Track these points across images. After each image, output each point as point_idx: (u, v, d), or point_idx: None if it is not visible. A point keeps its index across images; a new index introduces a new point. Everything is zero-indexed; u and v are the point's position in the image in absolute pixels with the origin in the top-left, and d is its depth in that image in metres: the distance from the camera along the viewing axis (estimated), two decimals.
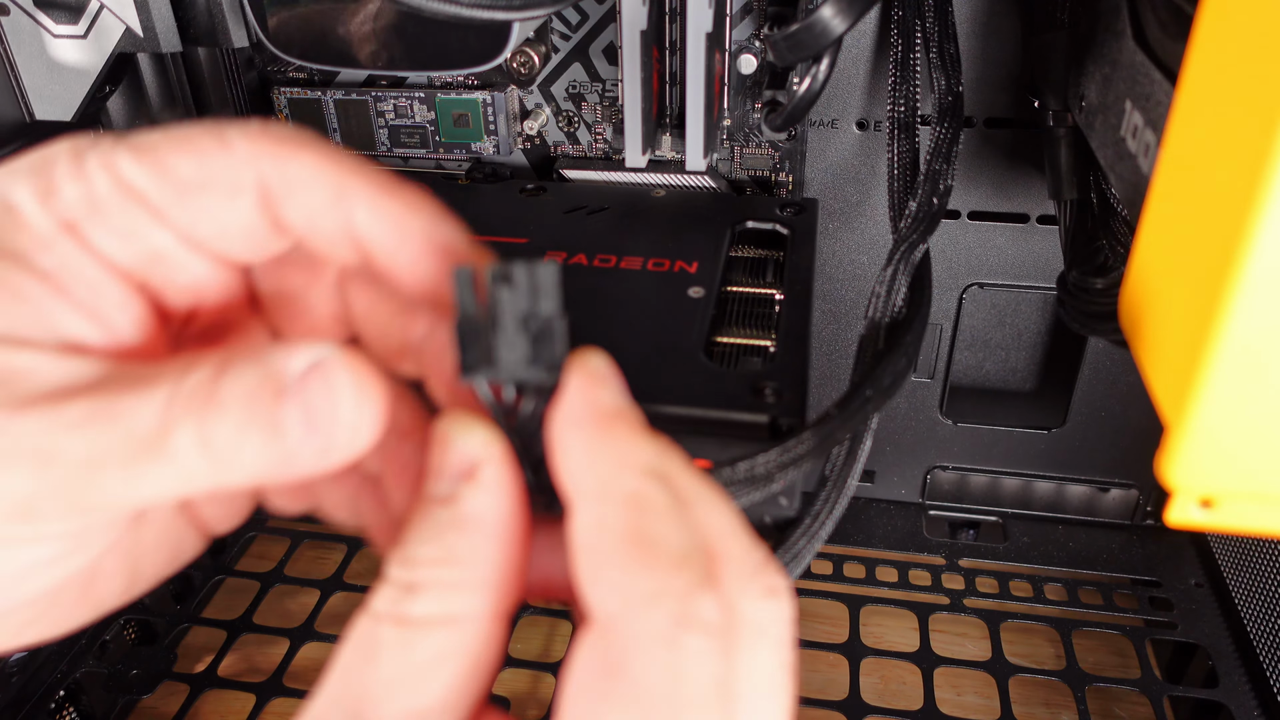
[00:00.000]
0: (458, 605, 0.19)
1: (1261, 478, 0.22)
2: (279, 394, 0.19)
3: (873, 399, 0.30)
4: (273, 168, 0.22)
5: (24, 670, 0.49)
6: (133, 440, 0.19)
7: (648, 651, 0.17)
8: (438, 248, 0.22)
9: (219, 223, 0.22)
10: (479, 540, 0.20)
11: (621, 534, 0.18)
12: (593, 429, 0.20)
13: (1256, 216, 0.19)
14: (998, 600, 0.56)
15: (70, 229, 0.21)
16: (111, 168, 0.21)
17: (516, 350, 0.20)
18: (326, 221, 0.22)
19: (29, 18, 0.46)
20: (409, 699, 0.18)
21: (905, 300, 0.34)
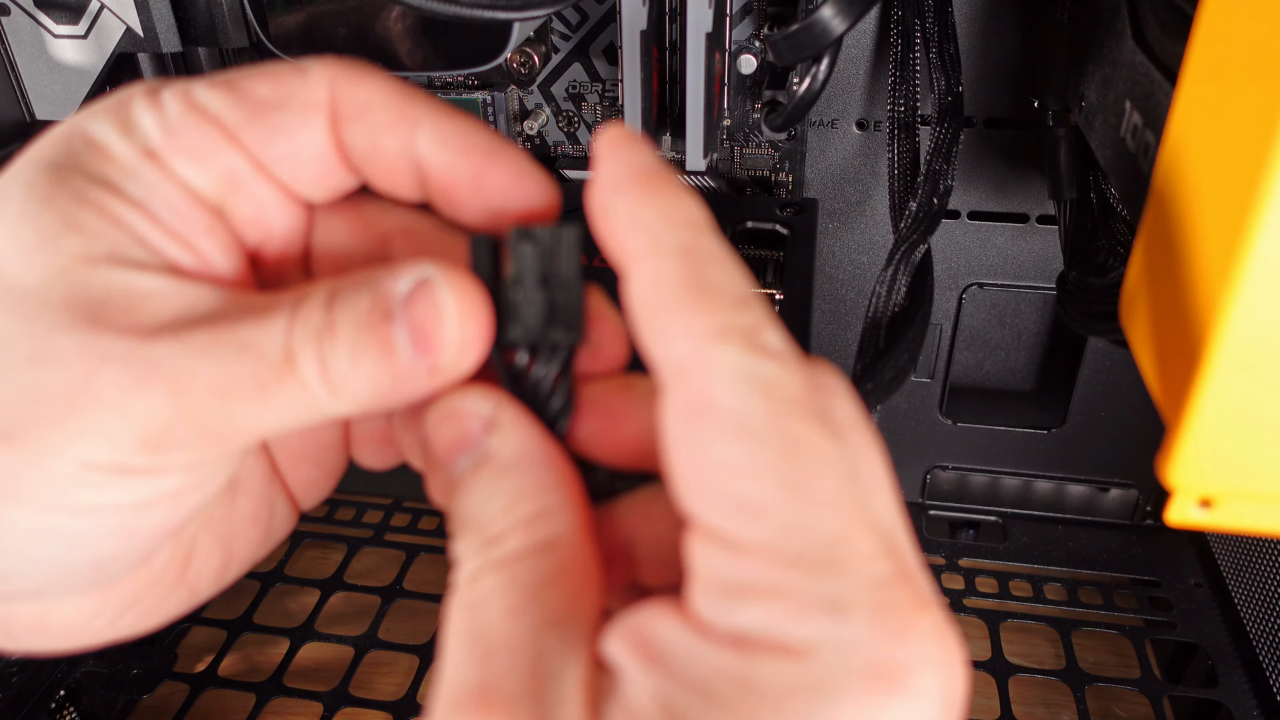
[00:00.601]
0: (545, 532, 0.19)
1: (1261, 478, 0.22)
2: (387, 316, 0.20)
3: (873, 393, 0.30)
4: (345, 89, 0.22)
5: (25, 669, 0.49)
6: (262, 367, 0.20)
7: (731, 381, 0.17)
8: (500, 165, 0.22)
9: (292, 142, 0.22)
10: (534, 471, 0.20)
11: (682, 282, 0.18)
12: (636, 189, 0.20)
13: (1257, 217, 0.19)
14: (998, 600, 0.56)
15: (151, 156, 0.21)
16: (185, 96, 0.22)
17: (536, 308, 0.20)
18: (391, 141, 0.22)
19: (29, 18, 0.46)
20: (535, 614, 0.19)
21: (906, 300, 0.34)
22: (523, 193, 0.22)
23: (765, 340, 0.18)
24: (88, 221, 0.20)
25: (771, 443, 0.17)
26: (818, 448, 0.17)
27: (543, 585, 0.19)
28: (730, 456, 0.17)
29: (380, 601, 0.56)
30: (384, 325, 0.20)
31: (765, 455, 0.17)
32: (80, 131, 0.22)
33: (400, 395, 0.21)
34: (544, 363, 0.21)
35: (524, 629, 0.18)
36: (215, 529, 0.24)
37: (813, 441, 0.17)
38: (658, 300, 0.18)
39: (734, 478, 0.17)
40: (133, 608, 0.24)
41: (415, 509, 0.64)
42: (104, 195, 0.21)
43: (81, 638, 0.23)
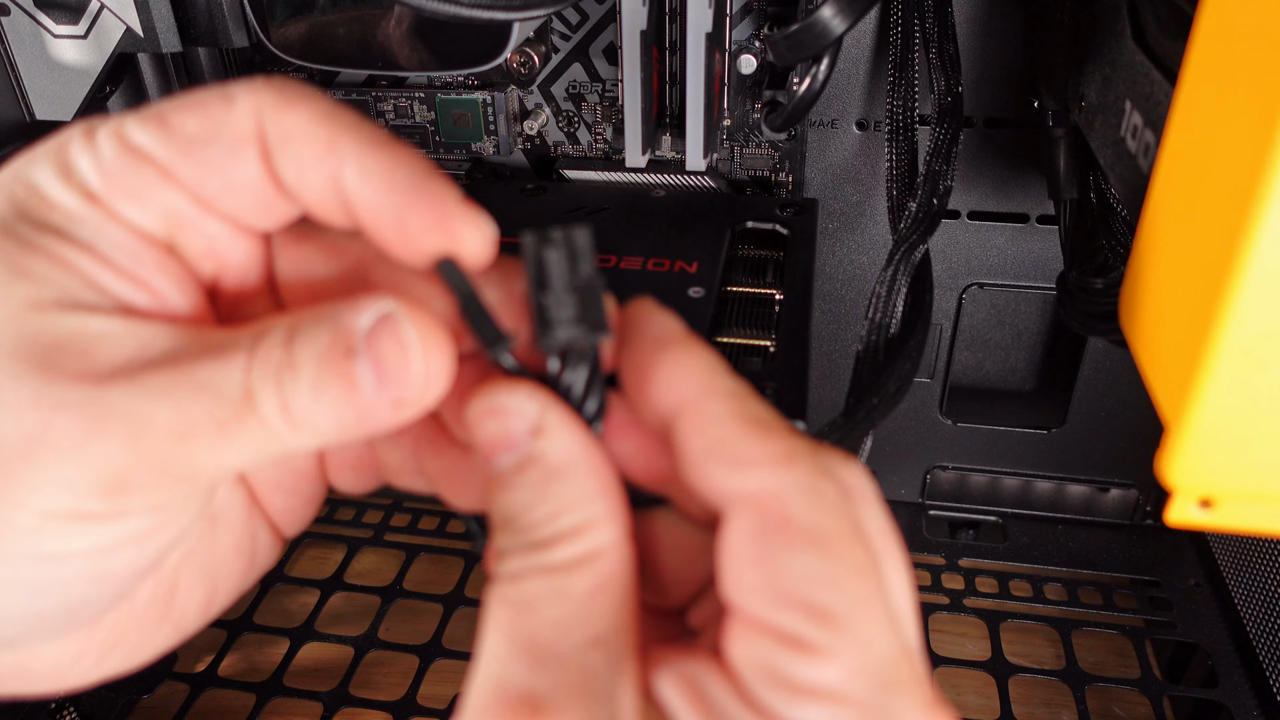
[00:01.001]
0: (595, 540, 0.20)
1: (1261, 478, 0.22)
2: (350, 352, 0.20)
3: (879, 407, 0.30)
4: (271, 119, 0.22)
5: None
6: (219, 407, 0.20)
7: (804, 500, 0.19)
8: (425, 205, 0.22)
9: (225, 177, 0.22)
10: (582, 478, 0.20)
11: (742, 418, 0.20)
12: (679, 346, 0.21)
13: (1257, 217, 0.19)
14: (997, 600, 0.56)
15: (93, 199, 0.21)
16: (118, 135, 0.21)
17: (567, 309, 0.21)
18: (316, 174, 0.22)
19: (29, 18, 0.46)
20: (584, 630, 0.19)
21: (906, 302, 0.34)
22: (448, 235, 0.22)
23: (824, 463, 0.20)
24: (35, 267, 0.20)
25: (844, 557, 0.19)
26: (874, 568, 0.19)
27: (591, 597, 0.19)
28: (809, 568, 0.19)
29: (380, 601, 0.56)
30: (346, 361, 0.20)
31: (840, 568, 0.19)
32: (22, 179, 0.21)
33: (364, 429, 0.20)
34: (574, 366, 0.21)
35: (574, 644, 0.19)
36: (197, 563, 0.24)
37: (871, 561, 0.19)
38: (722, 435, 0.20)
39: (813, 586, 0.18)
40: (117, 646, 0.23)
41: (415, 509, 0.64)
42: (50, 241, 0.20)
43: (69, 679, 0.23)
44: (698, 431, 0.20)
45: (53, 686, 0.23)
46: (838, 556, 0.19)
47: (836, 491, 0.19)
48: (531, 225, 0.22)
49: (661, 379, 0.21)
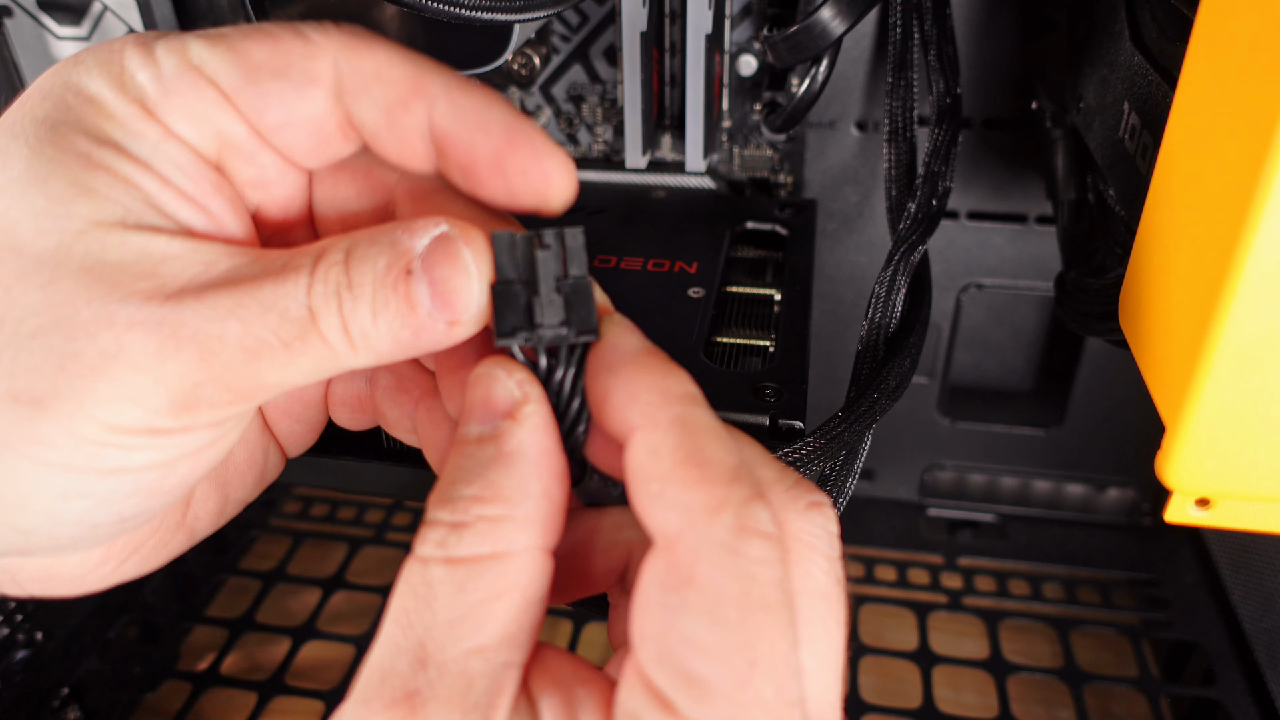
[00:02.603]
0: (507, 541, 0.19)
1: (1259, 477, 0.23)
2: (407, 272, 0.20)
3: (879, 402, 0.30)
4: (349, 61, 0.22)
5: (28, 668, 0.49)
6: (286, 326, 0.20)
7: (715, 559, 0.18)
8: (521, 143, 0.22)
9: (288, 112, 0.22)
10: (523, 475, 0.20)
11: (676, 455, 0.19)
12: (634, 366, 0.20)
13: (1255, 218, 0.19)
14: (996, 599, 0.56)
15: (149, 114, 0.21)
16: (180, 52, 0.21)
17: (554, 311, 0.21)
18: (405, 116, 0.22)
19: (32, 19, 0.46)
20: (471, 638, 0.19)
21: (906, 301, 0.34)
22: (543, 172, 0.22)
23: (754, 518, 0.18)
24: (99, 185, 0.20)
25: (738, 632, 0.17)
26: (776, 644, 0.18)
27: (487, 602, 0.19)
28: (697, 633, 0.17)
29: (381, 601, 0.56)
30: (404, 281, 0.20)
31: (729, 643, 0.17)
32: (73, 86, 0.21)
33: (419, 348, 0.21)
34: (563, 364, 0.21)
35: (460, 649, 0.19)
36: (214, 476, 0.25)
37: (774, 636, 0.18)
38: (655, 470, 0.19)
39: (694, 655, 0.17)
40: (136, 552, 0.24)
41: (416, 509, 0.64)
42: (110, 156, 0.21)
43: (88, 584, 0.24)
44: (632, 461, 0.19)
45: (72, 590, 0.24)
46: (730, 627, 0.17)
47: (763, 551, 0.18)
48: (533, 225, 0.22)
49: (615, 400, 0.20)
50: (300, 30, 0.22)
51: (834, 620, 0.20)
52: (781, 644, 0.18)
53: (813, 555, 0.20)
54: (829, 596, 0.20)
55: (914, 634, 0.53)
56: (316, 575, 0.58)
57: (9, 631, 0.49)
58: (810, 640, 0.19)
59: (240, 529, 0.62)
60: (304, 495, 0.65)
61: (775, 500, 0.20)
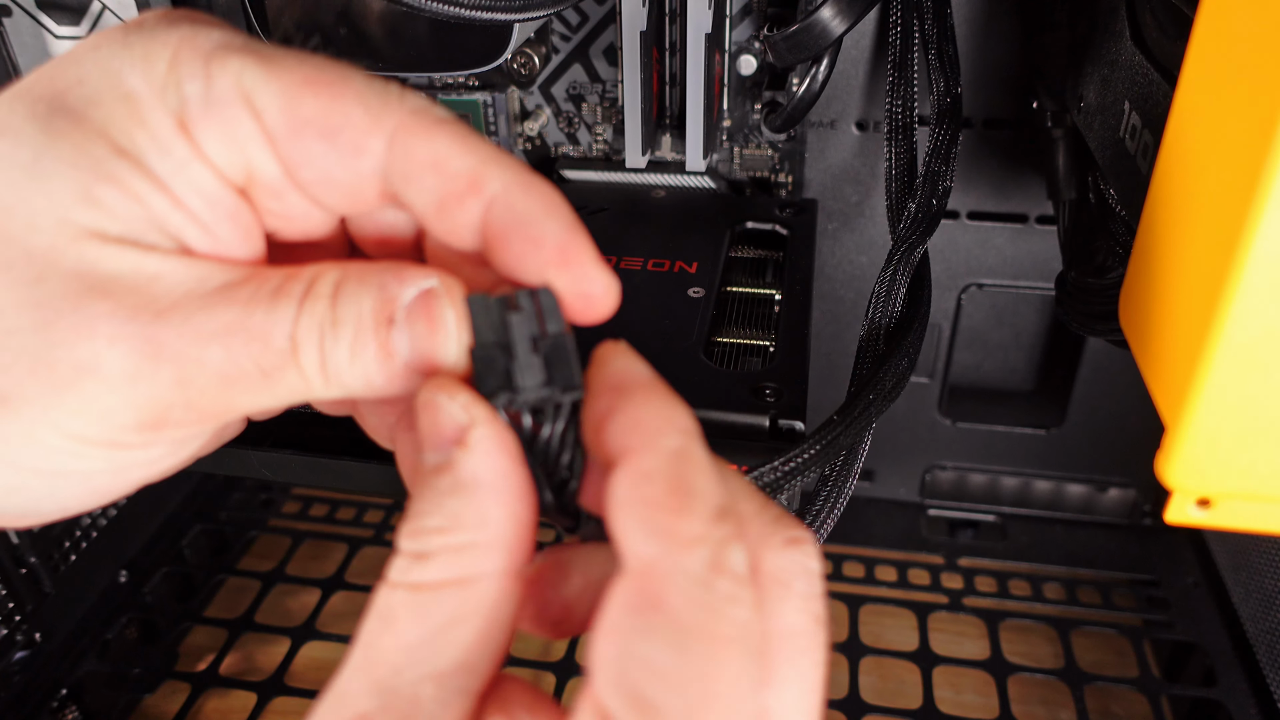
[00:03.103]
0: (467, 568, 0.19)
1: (1260, 478, 0.22)
2: (390, 320, 0.20)
3: (875, 403, 0.30)
4: (405, 144, 0.21)
5: (27, 669, 0.49)
6: (268, 356, 0.20)
7: (686, 589, 0.17)
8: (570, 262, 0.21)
9: (327, 174, 0.21)
10: (480, 502, 0.20)
11: (668, 483, 0.18)
12: (645, 391, 0.20)
13: (1256, 218, 0.19)
14: (996, 599, 0.56)
15: (184, 128, 0.20)
16: (235, 73, 0.20)
17: (533, 373, 0.20)
18: (459, 213, 0.21)
19: (31, 19, 0.46)
20: (429, 663, 0.18)
21: (905, 301, 0.34)
22: (587, 295, 0.22)
23: (730, 560, 0.18)
24: (105, 198, 0.20)
25: (698, 662, 0.17)
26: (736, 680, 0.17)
27: (447, 628, 0.19)
28: (656, 658, 0.17)
29: None
30: (385, 329, 0.20)
31: (686, 672, 0.17)
32: (112, 74, 0.20)
33: (388, 392, 0.21)
34: (550, 423, 0.21)
35: (415, 674, 0.18)
36: None
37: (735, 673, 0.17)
38: (643, 494, 0.18)
39: (650, 679, 0.17)
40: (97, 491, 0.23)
41: None
42: (126, 170, 0.20)
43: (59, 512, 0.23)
44: (621, 484, 0.19)
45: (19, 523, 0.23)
46: (690, 656, 0.17)
47: (734, 590, 0.18)
48: None
49: (619, 421, 0.20)
50: (363, 94, 0.21)
51: (808, 661, 0.19)
52: (742, 682, 0.17)
53: (786, 595, 0.19)
54: (803, 637, 0.19)
55: (914, 634, 0.53)
56: (316, 575, 0.58)
57: (8, 632, 0.49)
58: (780, 682, 0.19)
59: (240, 529, 0.62)
60: (304, 495, 0.65)
61: (753, 535, 0.19)
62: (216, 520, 0.62)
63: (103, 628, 0.53)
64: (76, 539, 0.53)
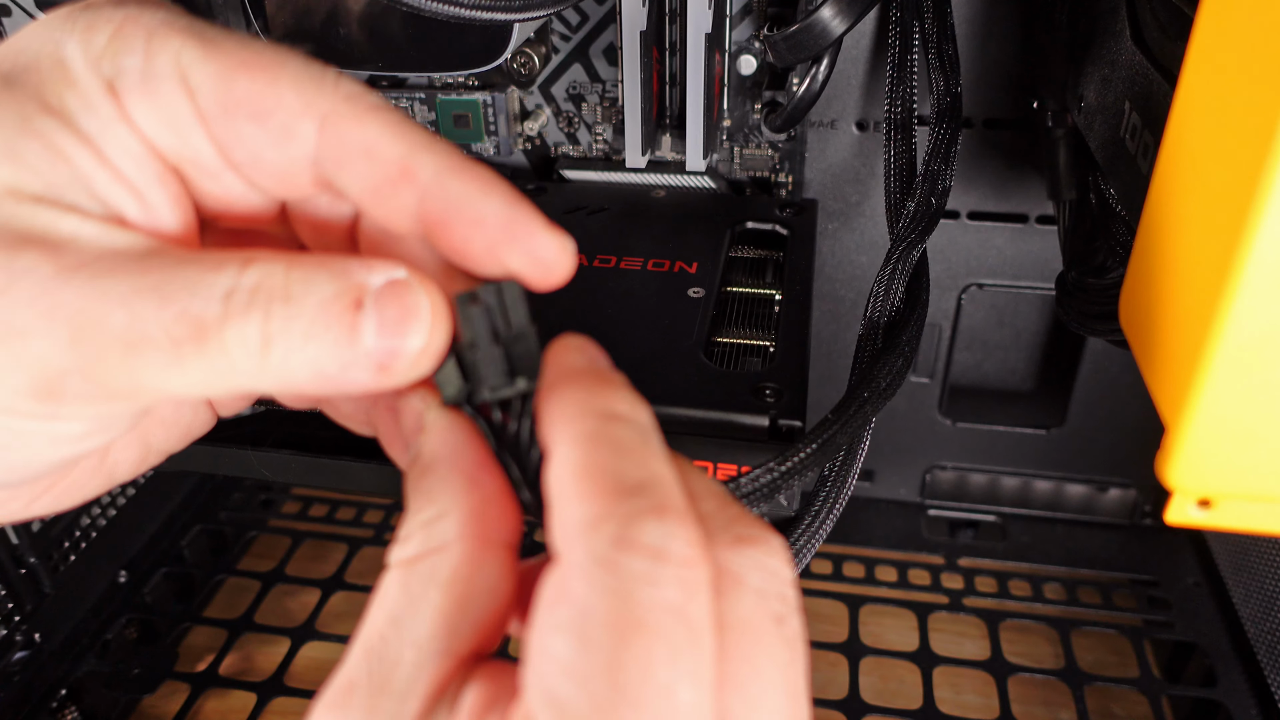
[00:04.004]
0: (436, 538, 0.19)
1: (1260, 478, 0.22)
2: (357, 304, 0.19)
3: (870, 401, 0.30)
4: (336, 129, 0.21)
5: (26, 669, 0.49)
6: (184, 323, 0.18)
7: (588, 573, 0.17)
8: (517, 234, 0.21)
9: (257, 156, 0.21)
10: (442, 475, 0.20)
11: (577, 468, 0.18)
12: (569, 383, 0.20)
13: (1256, 218, 0.19)
14: (997, 599, 0.56)
15: (113, 93, 0.20)
16: (174, 52, 0.20)
17: (495, 365, 0.20)
18: (392, 198, 0.21)
19: (31, 19, 0.46)
20: (409, 629, 0.19)
21: (903, 300, 0.34)
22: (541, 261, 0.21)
23: (641, 532, 0.17)
24: (27, 154, 0.19)
25: (601, 652, 0.16)
26: (654, 671, 0.16)
27: (422, 595, 0.19)
28: (562, 652, 0.16)
29: None
30: (352, 312, 0.19)
31: (590, 664, 0.16)
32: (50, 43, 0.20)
33: (335, 386, 0.20)
34: (517, 415, 0.21)
35: (400, 642, 0.19)
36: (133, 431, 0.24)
37: (652, 663, 0.16)
38: (557, 485, 0.18)
39: (558, 674, 0.16)
40: (48, 493, 0.23)
41: None
42: (51, 125, 0.20)
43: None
44: (548, 477, 0.19)
45: None
46: (592, 646, 0.16)
47: (647, 568, 0.16)
48: None
49: (545, 417, 0.19)
50: (297, 78, 0.21)
51: (768, 660, 0.18)
52: (663, 673, 0.16)
53: (739, 590, 0.18)
54: (758, 634, 0.18)
55: (914, 635, 0.53)
56: (315, 576, 0.58)
57: (8, 632, 0.49)
58: (738, 681, 0.17)
59: (239, 529, 0.62)
60: (303, 495, 0.65)
61: (712, 533, 0.18)
62: (216, 520, 0.62)
63: (102, 628, 0.53)
64: (76, 539, 0.53)
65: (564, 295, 0.22)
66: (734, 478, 0.28)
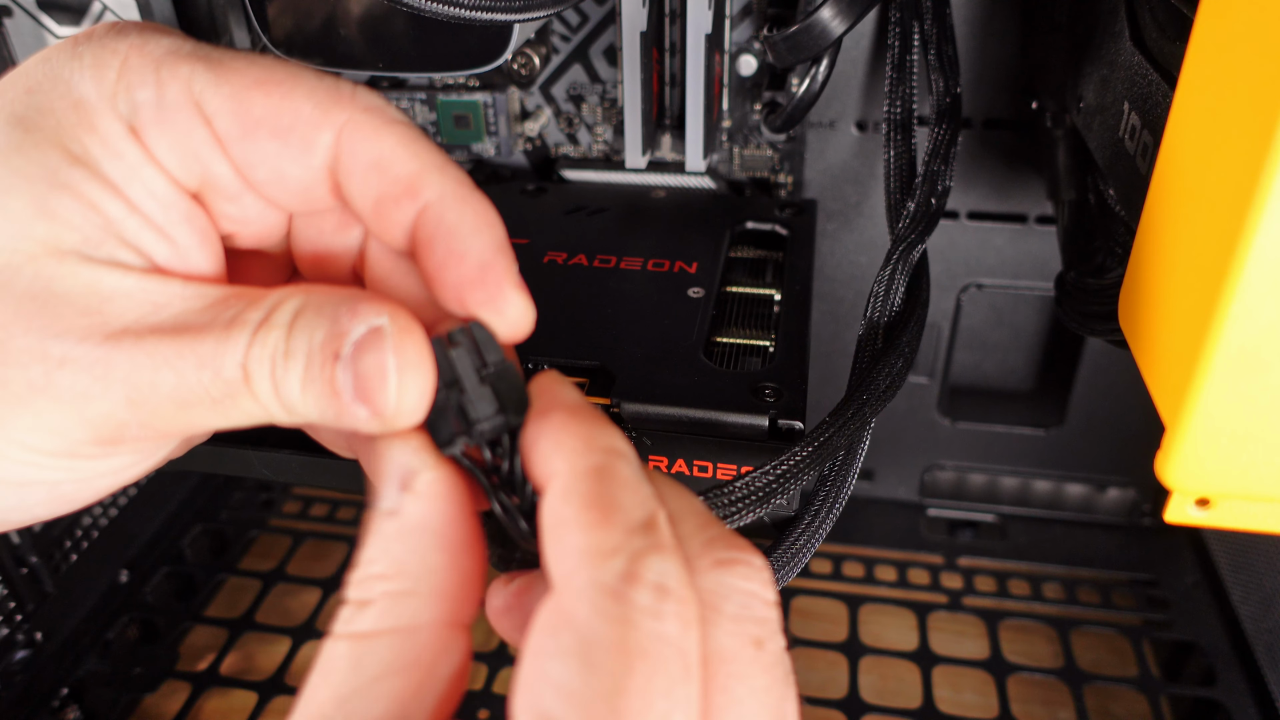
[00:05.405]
0: (406, 616, 0.19)
1: (1259, 478, 0.22)
2: (335, 357, 0.20)
3: (869, 403, 0.30)
4: (352, 141, 0.21)
5: (28, 669, 0.49)
6: (218, 384, 0.20)
7: (596, 602, 0.17)
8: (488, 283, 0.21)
9: (279, 172, 0.22)
10: (422, 549, 0.19)
11: (585, 500, 0.18)
12: (562, 417, 0.20)
13: (1255, 218, 0.19)
14: (996, 599, 0.56)
15: (135, 134, 0.20)
16: (184, 79, 0.21)
17: (484, 403, 0.20)
18: (394, 211, 0.22)
19: (31, 19, 0.46)
20: (360, 714, 0.18)
21: (903, 300, 0.34)
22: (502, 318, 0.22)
23: (649, 568, 0.17)
24: (61, 208, 0.20)
25: (604, 678, 0.16)
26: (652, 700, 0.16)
27: (382, 678, 0.18)
28: (562, 676, 0.16)
29: None
30: (331, 365, 0.20)
31: (593, 689, 0.16)
32: (63, 83, 0.20)
33: (344, 425, 0.20)
34: (508, 453, 0.21)
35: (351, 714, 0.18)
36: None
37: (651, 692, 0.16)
38: (561, 515, 0.18)
39: (556, 697, 0.16)
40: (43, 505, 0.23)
41: None
42: (80, 177, 0.20)
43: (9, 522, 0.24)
44: (546, 508, 0.19)
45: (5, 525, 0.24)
46: (597, 672, 0.16)
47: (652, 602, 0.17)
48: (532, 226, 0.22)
49: (541, 446, 0.20)
50: (314, 91, 0.21)
51: (745, 689, 0.18)
52: (660, 703, 0.16)
53: (715, 618, 0.18)
54: (737, 662, 0.18)
55: (914, 634, 0.53)
56: (316, 575, 0.58)
57: (9, 631, 0.49)
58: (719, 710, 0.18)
59: (240, 528, 0.62)
60: (304, 495, 0.65)
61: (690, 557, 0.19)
62: (217, 520, 0.62)
63: (104, 627, 0.53)
64: (78, 539, 0.53)
65: (565, 295, 0.23)
66: (732, 480, 0.28)
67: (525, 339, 0.22)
